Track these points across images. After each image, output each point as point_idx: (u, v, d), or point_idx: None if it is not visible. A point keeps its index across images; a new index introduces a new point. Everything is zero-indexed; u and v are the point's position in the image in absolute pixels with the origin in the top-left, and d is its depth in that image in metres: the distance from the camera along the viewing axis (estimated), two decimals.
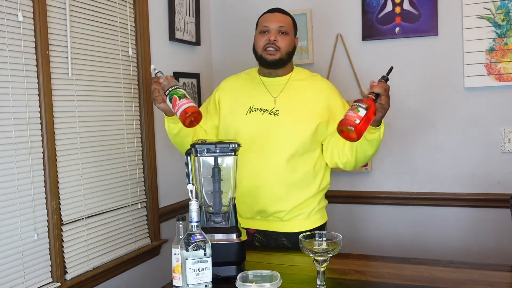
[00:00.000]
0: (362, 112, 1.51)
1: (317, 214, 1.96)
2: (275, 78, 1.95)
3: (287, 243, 1.92)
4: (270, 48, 1.87)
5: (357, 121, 1.50)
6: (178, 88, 1.62)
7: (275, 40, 1.87)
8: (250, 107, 1.92)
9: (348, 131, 1.51)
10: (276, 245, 1.94)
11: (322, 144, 1.95)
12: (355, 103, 1.55)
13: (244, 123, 1.90)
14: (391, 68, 1.70)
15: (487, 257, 2.55)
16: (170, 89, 1.61)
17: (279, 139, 1.85)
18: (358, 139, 1.53)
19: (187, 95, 1.60)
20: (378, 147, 1.79)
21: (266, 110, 1.89)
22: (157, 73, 1.68)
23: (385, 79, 1.65)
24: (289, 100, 1.90)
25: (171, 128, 1.82)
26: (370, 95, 1.58)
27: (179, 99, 1.58)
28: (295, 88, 1.93)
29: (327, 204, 2.06)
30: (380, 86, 1.61)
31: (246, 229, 1.85)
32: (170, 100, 1.60)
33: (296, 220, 1.91)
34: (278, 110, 1.88)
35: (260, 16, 1.99)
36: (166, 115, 1.79)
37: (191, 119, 1.57)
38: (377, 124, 1.66)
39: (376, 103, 1.58)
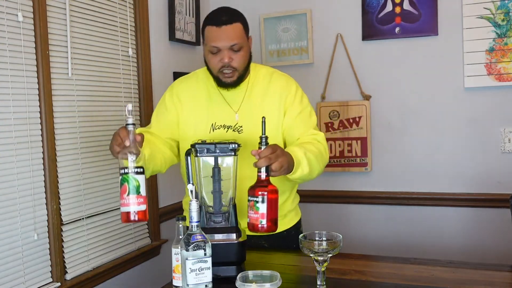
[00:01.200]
0: (262, 207, 1.39)
1: (292, 213, 1.93)
2: (234, 89, 1.77)
3: (267, 244, 1.87)
4: (226, 71, 1.70)
5: (263, 222, 1.39)
6: (136, 171, 1.34)
7: (229, 61, 1.68)
8: (212, 124, 1.77)
9: (262, 232, 1.41)
10: (255, 246, 1.85)
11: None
12: (250, 198, 1.40)
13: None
14: (264, 120, 1.48)
15: (487, 257, 2.55)
16: (125, 170, 1.34)
17: (246, 158, 1.65)
18: (276, 227, 1.43)
19: (141, 188, 1.35)
20: (314, 170, 1.67)
21: (230, 126, 1.77)
22: (129, 124, 1.39)
23: (264, 142, 1.45)
24: (250, 113, 1.76)
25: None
26: (259, 173, 1.42)
27: (129, 193, 1.33)
28: (254, 97, 1.79)
29: (299, 202, 2.00)
30: (264, 160, 1.42)
31: None
32: (120, 184, 1.34)
33: None
34: (241, 126, 1.77)
35: (205, 26, 1.71)
36: None
37: (130, 221, 1.36)
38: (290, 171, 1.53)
39: (270, 176, 1.43)
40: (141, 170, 1.36)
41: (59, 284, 1.93)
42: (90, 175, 2.11)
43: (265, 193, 1.40)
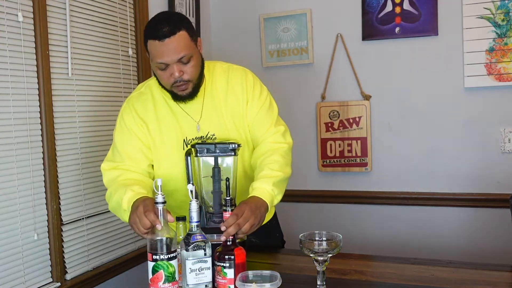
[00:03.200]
0: (230, 273, 1.35)
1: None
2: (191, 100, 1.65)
3: (255, 240, 1.78)
4: (180, 85, 1.58)
5: (231, 287, 1.35)
6: (170, 256, 1.27)
7: (180, 75, 1.56)
8: (184, 140, 1.67)
9: None
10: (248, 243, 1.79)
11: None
12: (218, 263, 1.36)
13: (183, 162, 1.65)
14: (228, 180, 1.47)
15: (487, 257, 2.55)
16: (160, 257, 1.26)
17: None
18: None
19: (176, 273, 1.30)
20: (284, 187, 1.64)
21: (202, 137, 1.68)
22: (158, 203, 1.32)
23: (229, 204, 1.40)
24: (215, 118, 1.68)
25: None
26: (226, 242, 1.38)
27: (165, 282, 1.27)
28: (217, 98, 1.70)
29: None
30: (233, 228, 1.38)
31: None
32: (153, 271, 1.27)
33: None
34: (213, 134, 1.68)
35: (147, 40, 1.56)
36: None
37: None
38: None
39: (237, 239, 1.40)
40: (175, 254, 1.30)
41: (59, 284, 1.93)
42: (90, 175, 2.11)
43: (232, 257, 1.36)
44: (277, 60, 2.97)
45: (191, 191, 1.40)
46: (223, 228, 1.39)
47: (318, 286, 1.42)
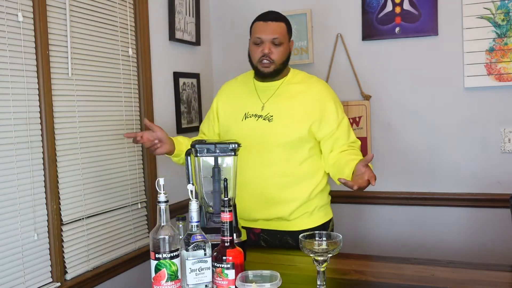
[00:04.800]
0: (230, 274, 1.36)
1: (320, 212, 1.99)
2: (267, 83, 1.98)
3: (292, 241, 1.94)
4: (265, 61, 1.90)
5: None
6: (172, 255, 1.30)
7: (269, 53, 1.89)
8: (245, 114, 1.96)
9: None
10: (281, 244, 1.97)
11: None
12: (217, 264, 1.37)
13: (240, 129, 1.94)
14: (226, 180, 1.53)
15: (487, 257, 2.55)
16: (162, 255, 1.29)
17: (275, 144, 1.88)
18: None
19: (178, 272, 1.32)
20: None
21: (261, 116, 1.93)
22: (163, 202, 1.34)
23: (227, 205, 1.40)
24: (279, 105, 1.93)
25: (178, 161, 2.02)
26: (223, 238, 1.39)
27: (167, 280, 1.29)
28: (287, 93, 1.95)
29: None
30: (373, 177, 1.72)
31: (252, 228, 1.97)
32: (156, 270, 1.29)
33: (300, 219, 1.94)
34: (272, 116, 1.91)
35: (254, 22, 1.98)
36: (168, 154, 1.95)
37: None
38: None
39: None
40: (177, 253, 1.32)
41: (59, 284, 1.93)
42: (90, 175, 2.11)
43: (231, 258, 1.36)
44: None
45: (191, 191, 1.40)
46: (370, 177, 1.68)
47: (318, 286, 1.43)
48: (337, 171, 1.87)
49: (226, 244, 1.38)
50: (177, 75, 2.72)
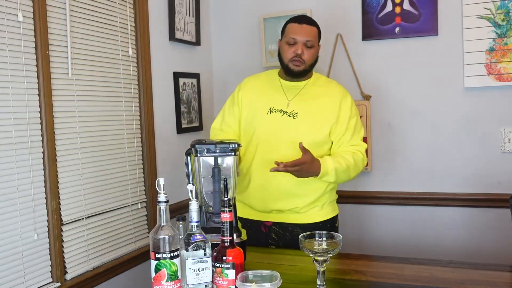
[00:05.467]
0: (231, 274, 1.35)
1: (329, 207, 2.08)
2: (293, 83, 2.07)
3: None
4: (296, 61, 2.00)
5: None
6: (172, 255, 1.31)
7: (301, 54, 1.99)
8: (270, 108, 2.04)
9: None
10: (291, 236, 2.01)
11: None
12: (217, 264, 1.37)
13: (264, 123, 2.03)
14: (226, 180, 1.52)
15: (487, 257, 2.55)
16: (162, 255, 1.30)
17: (296, 139, 1.92)
18: None
19: (178, 272, 1.32)
20: (342, 179, 2.00)
21: (286, 112, 2.02)
22: (163, 202, 1.34)
23: (227, 205, 1.40)
24: (303, 104, 2.02)
25: None
26: (223, 237, 1.39)
27: (167, 280, 1.29)
28: (310, 94, 2.05)
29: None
30: (283, 169, 1.81)
31: (263, 222, 2.05)
32: (156, 270, 1.30)
33: (311, 212, 2.02)
34: (297, 113, 2.01)
35: (287, 23, 2.06)
36: None
37: None
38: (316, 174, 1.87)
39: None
40: (177, 253, 1.32)
41: (59, 284, 1.93)
42: (90, 175, 2.11)
43: (231, 258, 1.36)
44: (277, 60, 2.96)
45: (191, 191, 1.40)
46: (282, 164, 1.78)
47: (318, 286, 1.43)
48: None
49: (226, 244, 1.38)
50: (177, 75, 2.72)
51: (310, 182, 1.95)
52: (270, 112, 2.03)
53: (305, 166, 1.83)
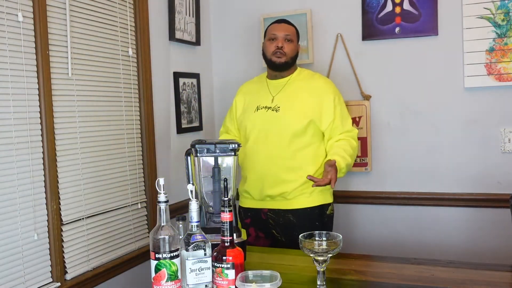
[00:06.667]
0: (231, 274, 1.35)
1: (319, 195, 2.22)
2: (278, 80, 2.29)
3: (293, 218, 2.19)
4: (278, 53, 2.23)
5: None
6: (172, 255, 1.30)
7: (282, 47, 2.22)
8: (257, 106, 2.27)
9: None
10: (284, 221, 2.22)
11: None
12: (217, 264, 1.37)
13: (253, 120, 2.26)
14: (226, 180, 1.55)
15: (487, 257, 2.55)
16: (162, 255, 1.29)
17: (279, 131, 2.19)
18: None
19: (178, 272, 1.32)
20: (350, 166, 2.19)
21: (270, 107, 2.24)
22: (163, 202, 1.34)
23: (227, 205, 1.40)
24: (286, 98, 2.23)
25: None
26: (223, 238, 1.39)
27: (167, 280, 1.29)
28: (293, 88, 2.26)
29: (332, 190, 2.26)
30: (332, 181, 2.02)
31: (261, 209, 2.26)
32: (156, 270, 1.30)
33: (299, 198, 2.20)
34: (279, 107, 2.22)
35: (268, 26, 2.33)
36: None
37: None
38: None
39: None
40: (177, 253, 1.32)
41: (59, 284, 1.93)
42: (90, 175, 2.11)
43: (231, 258, 1.36)
44: None
45: (191, 191, 1.40)
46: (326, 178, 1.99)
47: (318, 286, 1.43)
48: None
49: (226, 244, 1.38)
50: (177, 75, 2.72)
51: (297, 170, 2.17)
52: (257, 110, 2.26)
53: (332, 171, 2.02)
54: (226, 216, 1.38)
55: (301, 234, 1.45)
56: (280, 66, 2.25)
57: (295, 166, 2.18)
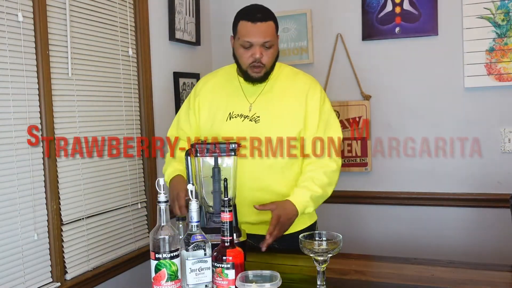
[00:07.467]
0: (231, 274, 1.33)
1: (304, 216, 1.84)
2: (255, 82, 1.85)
3: (277, 245, 1.80)
4: (256, 65, 1.77)
5: None
6: (172, 255, 1.29)
7: (260, 57, 1.76)
8: (230, 113, 1.83)
9: None
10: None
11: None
12: (217, 264, 1.35)
13: (224, 130, 1.82)
14: (226, 180, 1.50)
15: (487, 257, 2.55)
16: (162, 255, 1.28)
17: (260, 147, 1.78)
18: None
19: (178, 272, 1.31)
20: (320, 202, 1.84)
21: (247, 116, 1.82)
22: (163, 202, 1.32)
23: (227, 205, 1.37)
24: (266, 106, 1.82)
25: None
26: (223, 238, 1.36)
27: (167, 280, 1.28)
28: (274, 92, 1.84)
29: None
30: (273, 238, 1.66)
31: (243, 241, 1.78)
32: (156, 270, 1.29)
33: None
34: (259, 117, 1.81)
35: (239, 20, 1.81)
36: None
37: None
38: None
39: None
40: (177, 253, 1.32)
41: (59, 284, 1.93)
42: (90, 175, 2.11)
43: (231, 258, 1.35)
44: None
45: (191, 191, 1.40)
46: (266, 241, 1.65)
47: (318, 286, 1.42)
48: None
49: (226, 244, 1.38)
50: (177, 75, 2.72)
51: (281, 190, 1.79)
52: (230, 118, 1.82)
53: (282, 220, 1.65)
54: (226, 216, 1.38)
55: (301, 234, 1.44)
56: (258, 80, 1.81)
57: (278, 187, 1.80)
